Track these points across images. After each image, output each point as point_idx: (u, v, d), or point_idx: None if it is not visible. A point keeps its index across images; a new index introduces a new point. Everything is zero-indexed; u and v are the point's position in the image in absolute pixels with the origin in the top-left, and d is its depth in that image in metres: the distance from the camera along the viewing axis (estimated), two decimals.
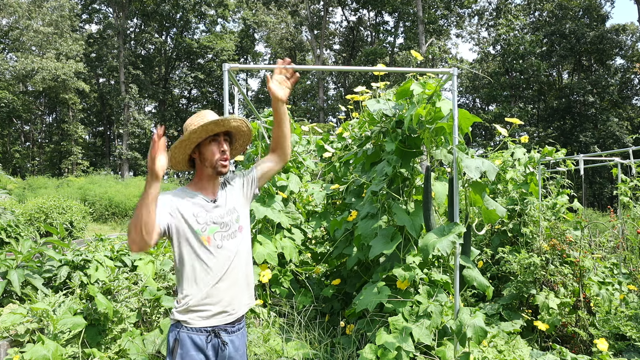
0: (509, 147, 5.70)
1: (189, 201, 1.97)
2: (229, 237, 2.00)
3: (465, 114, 3.04)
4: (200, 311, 1.91)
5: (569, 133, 28.62)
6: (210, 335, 1.91)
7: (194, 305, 1.90)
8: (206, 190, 2.04)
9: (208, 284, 1.92)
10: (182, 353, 1.87)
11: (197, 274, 1.92)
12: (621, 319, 3.91)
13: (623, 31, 28.76)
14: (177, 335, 1.90)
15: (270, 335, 3.70)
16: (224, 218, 2.01)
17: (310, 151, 5.60)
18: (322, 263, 4.98)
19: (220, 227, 1.98)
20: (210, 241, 1.95)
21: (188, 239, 1.93)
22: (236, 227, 2.03)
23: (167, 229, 1.90)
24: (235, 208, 2.07)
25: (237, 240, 2.02)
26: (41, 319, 3.19)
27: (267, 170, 2.18)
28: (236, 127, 2.07)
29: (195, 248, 1.93)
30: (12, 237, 5.43)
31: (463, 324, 2.81)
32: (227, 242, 1.99)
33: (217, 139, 2.03)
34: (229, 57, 34.77)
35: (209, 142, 2.02)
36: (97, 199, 18.81)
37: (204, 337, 1.90)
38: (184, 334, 1.89)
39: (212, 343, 1.91)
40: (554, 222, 4.91)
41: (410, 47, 33.60)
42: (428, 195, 3.12)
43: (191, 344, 1.88)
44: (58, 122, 34.35)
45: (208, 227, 1.96)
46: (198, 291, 1.91)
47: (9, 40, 30.70)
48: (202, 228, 1.95)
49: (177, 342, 1.89)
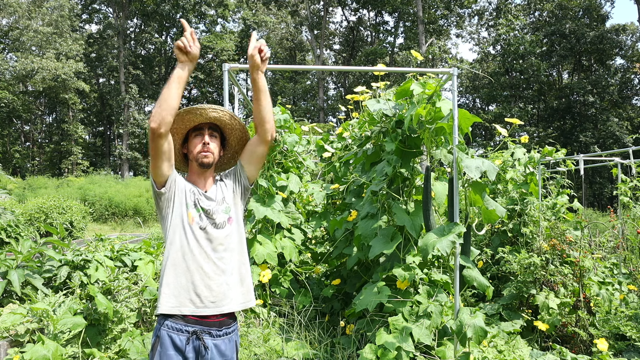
0: (509, 147, 5.70)
1: (186, 183, 2.00)
2: (214, 226, 1.96)
3: (465, 114, 3.03)
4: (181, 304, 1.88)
5: (569, 133, 28.62)
6: (191, 337, 1.84)
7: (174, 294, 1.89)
8: (198, 184, 2.04)
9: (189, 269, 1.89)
10: (161, 351, 1.83)
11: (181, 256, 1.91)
12: (621, 319, 3.91)
13: (623, 31, 28.76)
14: (158, 332, 1.87)
15: (270, 335, 3.70)
16: (211, 206, 1.98)
17: (310, 151, 5.60)
18: (322, 263, 4.98)
19: (206, 213, 1.96)
20: (193, 220, 1.93)
21: (180, 211, 1.94)
22: (224, 218, 1.99)
23: (173, 180, 1.94)
24: (225, 199, 2.04)
25: (224, 232, 1.97)
26: (41, 319, 3.18)
27: (250, 153, 2.08)
28: (216, 118, 2.01)
29: (184, 223, 1.93)
30: (12, 237, 5.43)
31: (463, 324, 2.81)
32: (213, 230, 1.95)
33: (201, 132, 2.01)
34: (229, 57, 34.77)
35: (194, 135, 2.01)
36: (97, 199, 18.83)
37: (184, 338, 1.83)
38: (164, 331, 1.85)
39: (192, 345, 1.84)
40: (554, 222, 4.91)
41: (410, 47, 33.61)
42: (428, 195, 3.12)
43: (170, 343, 1.84)
44: (58, 122, 34.35)
45: (194, 208, 1.95)
46: (176, 278, 1.88)
47: (9, 40, 30.71)
48: (190, 204, 1.95)
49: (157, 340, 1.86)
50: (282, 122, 4.68)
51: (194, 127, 2.03)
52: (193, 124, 2.01)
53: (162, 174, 1.91)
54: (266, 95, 2.01)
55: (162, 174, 1.91)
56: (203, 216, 1.95)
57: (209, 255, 1.91)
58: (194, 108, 1.96)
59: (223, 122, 2.05)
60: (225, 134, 2.11)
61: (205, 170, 2.03)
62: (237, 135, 2.12)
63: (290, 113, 4.88)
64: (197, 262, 1.89)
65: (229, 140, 2.14)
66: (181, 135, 2.05)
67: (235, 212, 2.05)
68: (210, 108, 1.98)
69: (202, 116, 1.99)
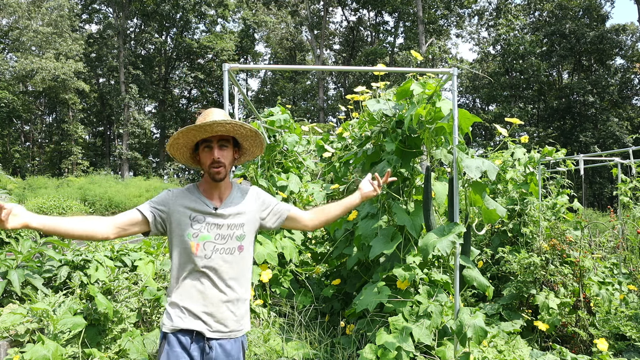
0: (509, 147, 5.70)
1: (191, 201, 1.88)
2: (223, 252, 1.86)
3: (465, 114, 3.03)
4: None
5: (569, 133, 28.63)
6: (195, 336, 1.83)
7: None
8: (210, 195, 1.92)
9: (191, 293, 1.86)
10: (169, 350, 1.83)
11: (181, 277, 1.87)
12: (621, 319, 3.91)
13: (623, 31, 28.77)
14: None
15: (270, 335, 3.70)
16: (221, 229, 1.87)
17: (310, 151, 5.60)
18: (322, 263, 4.98)
19: (214, 237, 1.86)
20: (198, 250, 1.83)
21: (179, 239, 1.85)
22: (235, 245, 1.89)
23: (156, 220, 1.84)
24: (243, 225, 1.93)
25: (232, 259, 1.88)
26: (41, 319, 3.18)
27: (291, 221, 2.12)
28: (225, 132, 1.87)
29: (182, 252, 1.85)
30: (12, 237, 5.42)
31: (463, 324, 2.81)
32: (218, 257, 1.85)
33: (209, 144, 1.87)
34: (229, 57, 34.78)
35: (203, 147, 1.89)
36: (97, 199, 18.83)
37: (189, 337, 1.83)
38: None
39: (197, 344, 1.84)
40: (554, 222, 4.91)
41: (410, 47, 33.62)
42: (428, 195, 3.12)
43: (176, 341, 1.84)
44: (58, 122, 34.36)
45: (200, 234, 1.84)
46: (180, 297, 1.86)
47: (8, 40, 30.71)
48: (195, 233, 1.84)
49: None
50: (282, 122, 4.68)
51: (202, 139, 1.91)
52: (200, 138, 1.88)
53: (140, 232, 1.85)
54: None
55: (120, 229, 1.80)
56: (208, 243, 1.87)
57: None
58: (198, 126, 1.80)
59: (236, 133, 1.92)
60: (238, 140, 1.99)
61: (217, 182, 1.92)
62: (251, 141, 1.99)
63: (290, 113, 4.88)
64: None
65: (243, 145, 2.01)
66: (190, 148, 1.94)
67: (249, 241, 1.98)
68: (216, 124, 1.81)
69: (208, 132, 1.85)
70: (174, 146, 1.89)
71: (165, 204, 1.87)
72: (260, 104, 37.85)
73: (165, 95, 37.00)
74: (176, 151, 1.93)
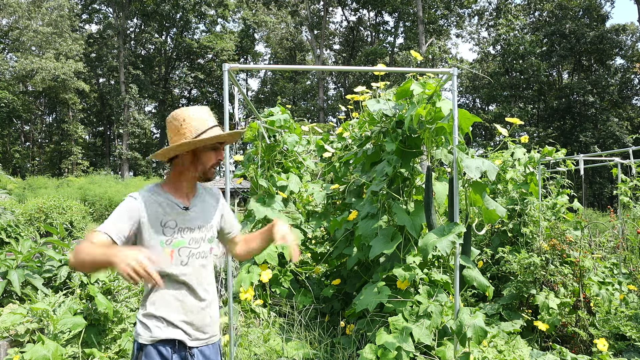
0: (509, 147, 5.70)
1: (159, 205, 1.78)
2: (198, 256, 1.83)
3: (466, 114, 3.04)
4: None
5: (569, 133, 28.64)
6: (177, 346, 1.79)
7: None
8: (179, 192, 1.85)
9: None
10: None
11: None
12: (621, 319, 3.91)
13: (623, 31, 28.79)
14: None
15: (270, 335, 3.70)
16: (193, 233, 1.83)
17: (310, 151, 5.60)
18: (322, 263, 4.98)
19: (188, 242, 1.81)
20: (173, 257, 1.77)
21: (152, 249, 1.74)
22: (207, 248, 1.87)
23: (127, 240, 1.73)
24: (213, 227, 1.92)
25: (207, 262, 1.86)
26: (41, 319, 3.18)
27: (231, 243, 2.07)
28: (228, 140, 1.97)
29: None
30: (12, 237, 5.42)
31: (463, 324, 2.81)
32: (195, 262, 1.82)
33: (217, 146, 1.88)
34: (229, 57, 34.79)
35: (208, 147, 1.87)
36: (97, 199, 18.81)
37: (170, 347, 1.77)
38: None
39: (179, 354, 1.79)
40: (554, 222, 4.91)
41: (410, 47, 33.62)
42: (430, 195, 3.12)
43: (156, 352, 1.80)
44: (58, 122, 34.38)
45: (174, 240, 1.77)
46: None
47: (8, 40, 30.74)
48: (167, 240, 1.76)
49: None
50: (282, 122, 4.67)
51: None
52: (221, 141, 1.90)
53: None
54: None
55: None
56: (183, 249, 1.81)
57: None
58: (235, 133, 1.92)
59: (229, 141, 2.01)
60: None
61: (203, 181, 1.93)
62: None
63: (290, 113, 4.88)
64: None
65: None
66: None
67: (215, 242, 1.97)
68: (227, 135, 1.86)
69: (235, 138, 1.97)
70: (190, 146, 1.81)
71: (131, 216, 1.73)
72: (260, 104, 37.86)
73: (165, 95, 37.01)
74: (178, 151, 1.88)
